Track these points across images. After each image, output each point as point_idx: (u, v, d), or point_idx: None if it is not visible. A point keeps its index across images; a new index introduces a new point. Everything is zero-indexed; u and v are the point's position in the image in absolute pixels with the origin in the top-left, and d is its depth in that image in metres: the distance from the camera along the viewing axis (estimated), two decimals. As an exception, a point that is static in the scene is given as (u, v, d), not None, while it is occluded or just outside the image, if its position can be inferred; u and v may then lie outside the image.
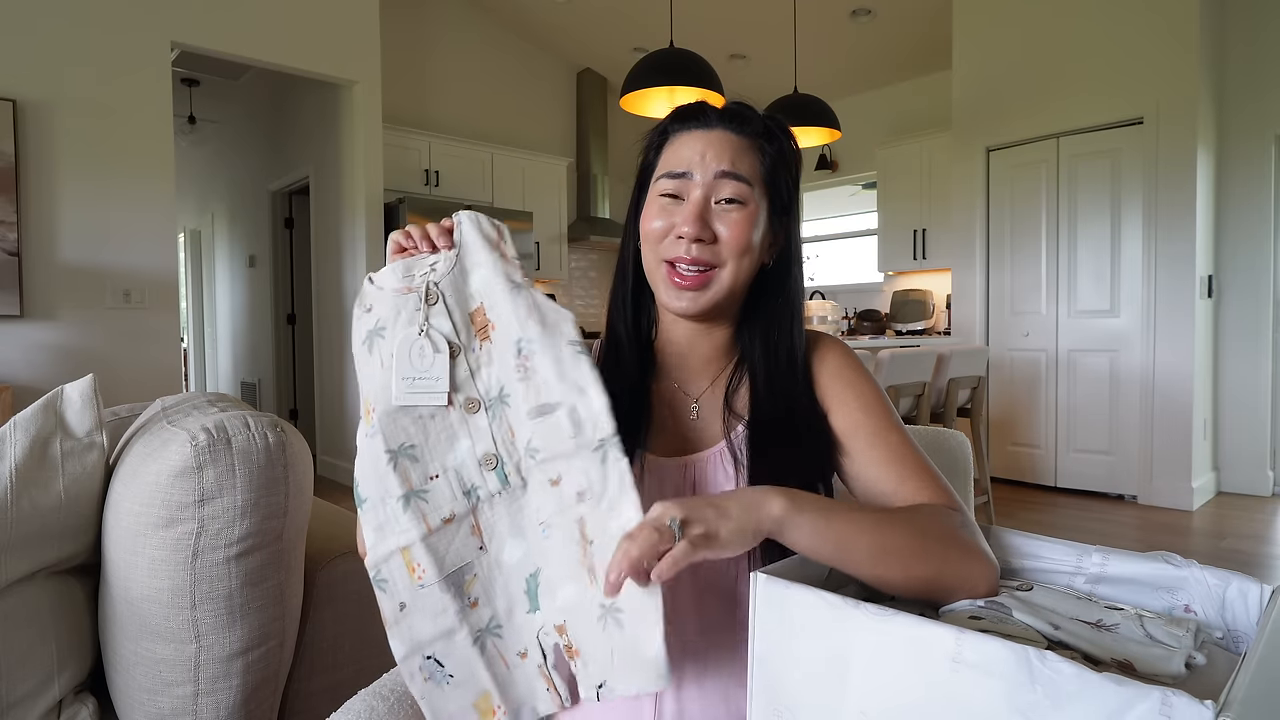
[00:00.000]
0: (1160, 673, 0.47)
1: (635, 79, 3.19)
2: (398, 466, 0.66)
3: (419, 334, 0.67)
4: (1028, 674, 0.38)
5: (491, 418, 0.68)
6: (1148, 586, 0.59)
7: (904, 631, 0.44)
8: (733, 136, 0.74)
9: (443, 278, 0.69)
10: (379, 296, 0.69)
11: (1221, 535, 3.32)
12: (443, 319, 0.68)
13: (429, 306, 0.68)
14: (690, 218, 0.71)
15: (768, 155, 0.74)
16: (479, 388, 0.68)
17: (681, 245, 0.72)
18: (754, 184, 0.73)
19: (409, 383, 0.67)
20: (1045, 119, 4.15)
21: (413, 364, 0.67)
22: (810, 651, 0.48)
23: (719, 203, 0.72)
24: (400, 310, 0.68)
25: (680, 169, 0.73)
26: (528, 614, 0.68)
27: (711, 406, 0.78)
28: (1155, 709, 0.35)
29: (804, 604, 0.48)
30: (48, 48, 2.99)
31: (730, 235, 0.72)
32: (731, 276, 0.73)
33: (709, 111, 0.76)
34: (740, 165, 0.73)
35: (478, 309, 0.69)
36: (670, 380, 0.80)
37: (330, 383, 4.55)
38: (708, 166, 0.72)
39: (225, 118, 5.85)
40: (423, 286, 0.68)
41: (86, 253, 3.10)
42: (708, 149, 0.73)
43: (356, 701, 0.76)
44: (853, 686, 0.45)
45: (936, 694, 0.42)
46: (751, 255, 0.73)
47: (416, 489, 0.66)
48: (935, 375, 3.21)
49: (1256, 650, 0.42)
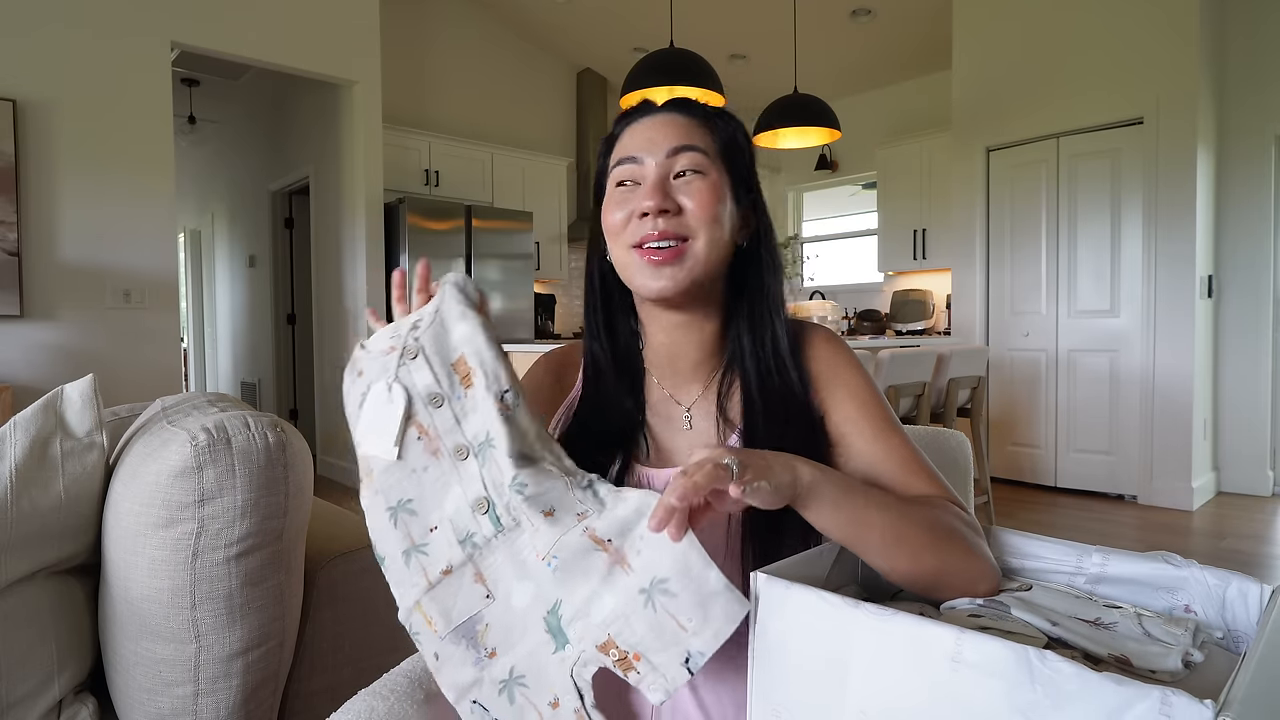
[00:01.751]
0: (1157, 669, 0.47)
1: (635, 79, 3.19)
2: (398, 523, 0.67)
3: (386, 388, 0.69)
4: (1027, 673, 0.38)
5: (481, 463, 0.67)
6: (1148, 587, 0.59)
7: (904, 631, 0.44)
8: (679, 117, 0.73)
9: (424, 332, 0.70)
10: (368, 361, 0.71)
11: (1221, 535, 3.32)
12: (423, 371, 0.68)
13: (410, 361, 0.69)
14: (649, 191, 0.70)
15: (719, 131, 0.74)
16: (466, 434, 0.68)
17: (647, 223, 0.69)
18: (710, 155, 0.72)
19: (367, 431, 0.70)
20: (1045, 119, 4.15)
21: (378, 414, 0.69)
22: (810, 651, 0.48)
23: (678, 176, 0.71)
24: (385, 370, 0.70)
25: (631, 153, 0.72)
26: (554, 654, 0.64)
27: (704, 414, 0.76)
28: (1155, 708, 0.35)
29: (804, 604, 0.48)
30: (48, 48, 2.99)
31: (695, 204, 0.70)
32: (706, 247, 0.70)
33: (652, 104, 0.76)
34: (693, 138, 0.72)
35: (460, 359, 0.69)
36: (661, 389, 0.79)
37: (330, 383, 4.55)
38: (659, 146, 0.71)
39: (225, 118, 5.85)
40: (401, 343, 0.70)
41: (86, 253, 3.11)
42: (655, 132, 0.72)
43: (356, 701, 0.76)
44: (853, 687, 0.45)
45: (936, 694, 0.42)
46: (721, 228, 0.71)
47: (417, 544, 0.67)
48: (935, 375, 3.21)
49: (1256, 650, 0.42)
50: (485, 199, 5.25)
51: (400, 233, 4.31)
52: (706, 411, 0.76)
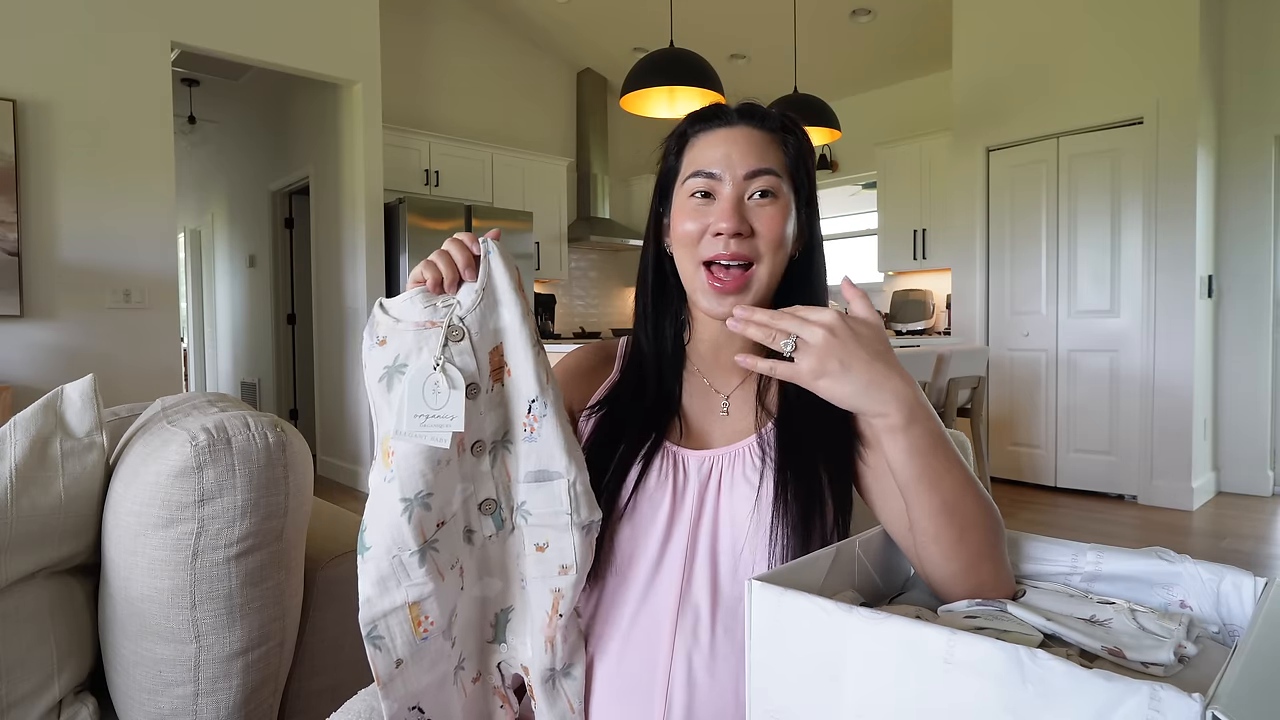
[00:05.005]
0: (1149, 660, 0.47)
1: (635, 79, 3.19)
2: (412, 517, 0.61)
3: (434, 368, 0.61)
4: (1019, 673, 0.39)
5: (493, 461, 0.66)
6: (1143, 583, 0.59)
7: (897, 634, 0.44)
8: (755, 132, 0.75)
9: (468, 312, 0.63)
10: (395, 330, 0.63)
11: (1221, 535, 3.33)
12: (468, 356, 0.62)
13: (455, 343, 0.62)
14: (727, 213, 0.72)
15: (790, 148, 0.76)
16: (487, 431, 0.65)
17: (720, 242, 0.72)
18: (782, 176, 0.74)
19: (421, 420, 0.61)
20: (1045, 119, 4.15)
21: (426, 400, 0.61)
22: (806, 656, 0.48)
23: (752, 197, 0.73)
24: (423, 346, 0.62)
25: (709, 168, 0.74)
26: (490, 643, 0.70)
27: (742, 403, 0.78)
28: (1145, 704, 0.35)
29: (799, 609, 0.49)
30: (48, 48, 3.00)
31: (766, 229, 0.73)
32: (768, 272, 0.74)
33: (728, 111, 0.77)
34: (768, 159, 0.74)
35: (496, 348, 0.64)
36: (700, 378, 0.81)
37: (330, 383, 4.55)
38: (736, 164, 0.73)
39: (225, 118, 5.85)
40: (446, 320, 0.62)
41: (86, 253, 3.11)
42: (733, 147, 0.74)
43: (356, 701, 0.77)
44: (848, 690, 0.46)
45: (930, 695, 0.42)
46: (785, 249, 0.75)
47: (430, 540, 0.63)
48: (935, 375, 3.21)
49: (1247, 642, 0.42)
50: (485, 199, 5.25)
51: (400, 233, 4.31)
52: (745, 400, 0.78)
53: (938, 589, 0.63)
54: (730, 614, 0.69)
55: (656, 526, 0.72)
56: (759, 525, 0.70)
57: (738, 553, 0.70)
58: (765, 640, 0.51)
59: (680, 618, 0.69)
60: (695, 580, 0.69)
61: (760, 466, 0.72)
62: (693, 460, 0.74)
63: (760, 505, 0.70)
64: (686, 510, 0.72)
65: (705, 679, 0.67)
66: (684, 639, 0.68)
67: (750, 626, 0.52)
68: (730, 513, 0.71)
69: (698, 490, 0.73)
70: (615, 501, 0.73)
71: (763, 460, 0.72)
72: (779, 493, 0.70)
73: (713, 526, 0.71)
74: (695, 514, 0.72)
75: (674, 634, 0.68)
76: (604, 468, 0.73)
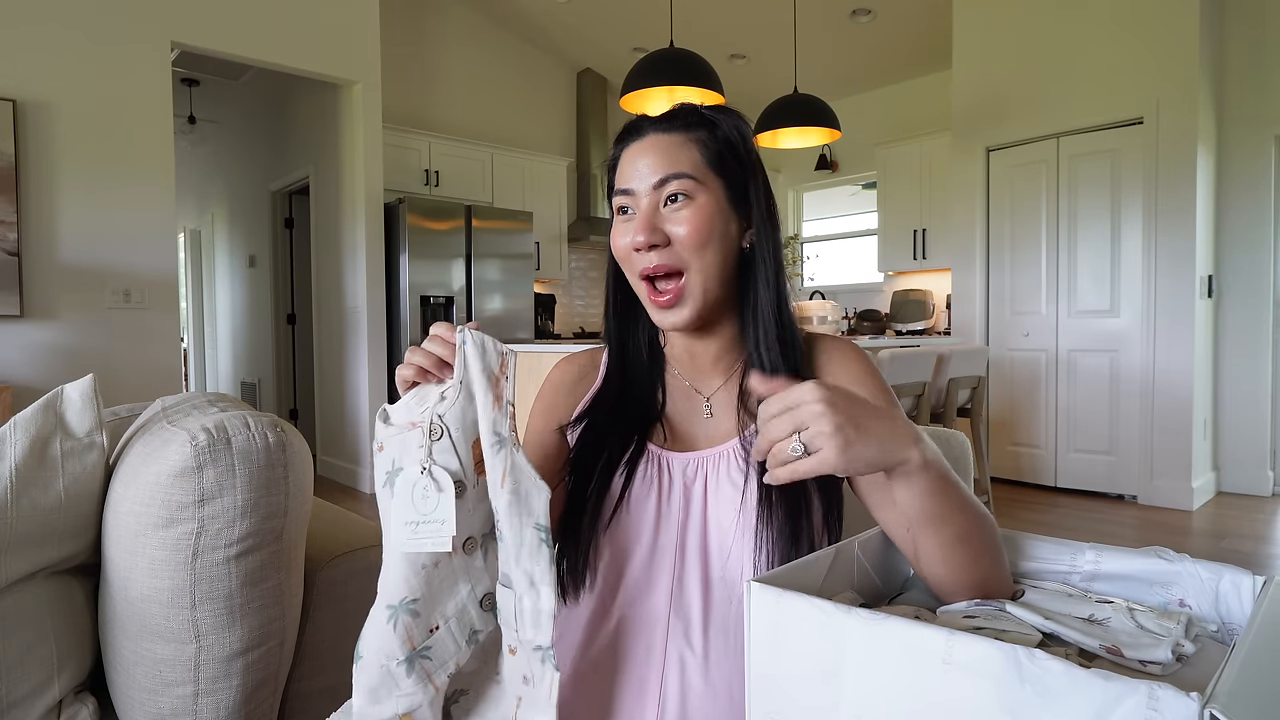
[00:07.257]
0: (1147, 659, 0.47)
1: (635, 79, 3.19)
2: (398, 625, 0.60)
3: (420, 472, 0.60)
4: (1017, 673, 0.39)
5: (485, 556, 0.64)
6: (1142, 582, 0.59)
7: (896, 635, 0.44)
8: (664, 137, 0.74)
9: (447, 409, 0.61)
10: (389, 435, 0.63)
11: (1221, 535, 3.33)
12: (450, 455, 0.61)
13: (433, 442, 0.61)
14: (639, 228, 0.72)
15: (707, 144, 0.74)
16: (476, 526, 0.63)
17: (643, 255, 0.73)
18: (697, 175, 0.73)
19: (412, 528, 0.60)
20: (1045, 119, 4.15)
21: (415, 506, 0.60)
22: (805, 657, 0.48)
23: (667, 204, 0.73)
24: (407, 448, 0.61)
25: (624, 184, 0.75)
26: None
27: (724, 404, 0.78)
28: (1143, 703, 0.35)
29: (797, 611, 0.49)
30: (48, 48, 3.00)
31: (683, 233, 0.72)
32: (700, 276, 0.73)
33: (643, 123, 0.77)
34: (678, 163, 0.73)
35: (477, 440, 0.62)
36: (681, 380, 0.81)
37: (330, 383, 4.55)
38: (645, 175, 0.73)
39: (225, 118, 5.85)
40: (427, 421, 0.61)
41: (86, 253, 3.11)
42: (641, 158, 0.74)
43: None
44: (848, 691, 0.46)
45: (929, 696, 0.42)
46: (714, 247, 0.73)
47: (419, 648, 0.61)
48: (935, 375, 3.21)
49: (1246, 641, 0.42)
50: (485, 199, 5.26)
51: (400, 233, 4.31)
52: (727, 402, 0.78)
53: (937, 590, 0.63)
54: (721, 616, 0.69)
55: (644, 531, 0.72)
56: (744, 528, 0.70)
57: (726, 555, 0.70)
58: (764, 642, 0.51)
59: (672, 622, 0.69)
60: (686, 583, 0.69)
61: (745, 468, 0.72)
62: (677, 463, 0.74)
63: (745, 507, 0.70)
64: (673, 514, 0.72)
65: (699, 682, 0.67)
66: (676, 643, 0.68)
67: (749, 628, 0.52)
68: (717, 515, 0.71)
69: (683, 493, 0.73)
70: (601, 509, 0.73)
71: (746, 462, 0.72)
72: (763, 495, 0.70)
73: (701, 529, 0.71)
74: (682, 517, 0.72)
75: (666, 638, 0.68)
76: (589, 475, 0.74)
